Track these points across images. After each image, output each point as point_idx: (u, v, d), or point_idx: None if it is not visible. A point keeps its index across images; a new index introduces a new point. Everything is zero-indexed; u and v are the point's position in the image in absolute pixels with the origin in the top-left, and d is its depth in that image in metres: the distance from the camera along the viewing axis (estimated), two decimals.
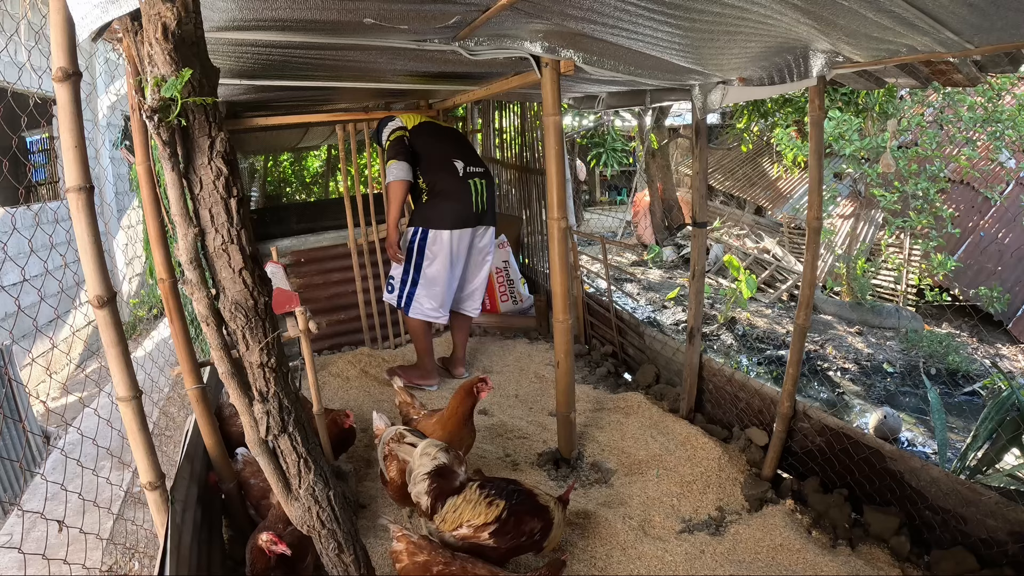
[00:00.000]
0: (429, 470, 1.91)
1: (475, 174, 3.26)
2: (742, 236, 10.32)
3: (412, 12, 1.72)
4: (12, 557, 2.18)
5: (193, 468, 1.92)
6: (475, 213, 3.25)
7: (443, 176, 3.18)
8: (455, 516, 1.83)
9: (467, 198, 3.20)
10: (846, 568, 1.97)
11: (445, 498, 1.87)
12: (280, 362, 1.31)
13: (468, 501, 1.84)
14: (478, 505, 1.83)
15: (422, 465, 1.92)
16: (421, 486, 1.89)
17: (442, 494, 1.87)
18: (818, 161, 2.33)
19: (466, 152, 3.33)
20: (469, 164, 3.26)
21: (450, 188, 3.18)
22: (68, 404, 4.25)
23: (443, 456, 1.94)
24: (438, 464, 1.92)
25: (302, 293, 3.91)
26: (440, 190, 3.18)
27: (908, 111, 7.76)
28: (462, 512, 1.83)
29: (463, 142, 3.43)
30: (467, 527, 1.81)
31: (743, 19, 1.64)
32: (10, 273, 4.11)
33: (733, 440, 2.81)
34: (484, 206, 3.29)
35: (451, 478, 1.92)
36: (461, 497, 1.86)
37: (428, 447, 1.95)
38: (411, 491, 1.93)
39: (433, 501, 1.87)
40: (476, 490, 1.87)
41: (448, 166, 3.20)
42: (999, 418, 2.93)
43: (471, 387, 2.29)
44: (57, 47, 1.24)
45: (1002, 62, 1.82)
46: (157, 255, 1.84)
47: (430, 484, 1.89)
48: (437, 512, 1.86)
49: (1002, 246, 7.95)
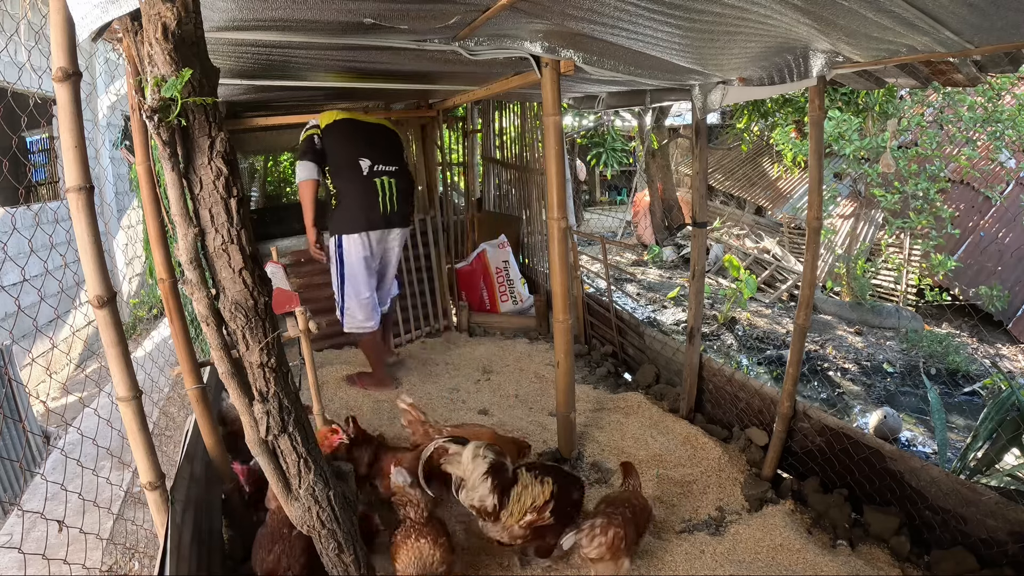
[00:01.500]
0: (485, 469, 1.85)
1: (383, 173, 3.11)
2: (742, 236, 10.32)
3: (412, 12, 1.72)
4: (12, 557, 2.18)
5: (193, 468, 1.92)
6: (382, 215, 3.12)
7: (347, 176, 3.07)
8: (520, 505, 1.86)
9: (371, 199, 3.07)
10: (846, 568, 1.97)
11: (507, 491, 1.87)
12: (280, 362, 1.31)
13: (526, 486, 1.88)
14: (535, 487, 1.88)
15: (477, 467, 1.85)
16: (483, 488, 1.83)
17: (504, 489, 1.87)
18: (818, 161, 2.33)
19: (377, 150, 3.15)
20: (378, 163, 3.11)
21: (353, 189, 3.06)
22: (68, 404, 4.25)
23: (491, 453, 1.90)
24: (491, 461, 1.87)
25: (302, 293, 3.91)
26: (345, 192, 3.08)
27: (908, 111, 7.76)
28: (524, 499, 1.86)
29: (378, 138, 3.21)
30: (531, 512, 1.85)
31: (743, 19, 1.64)
32: (10, 273, 4.11)
33: (733, 440, 2.81)
34: (393, 207, 3.14)
35: (505, 471, 1.91)
36: (520, 485, 1.88)
37: (475, 449, 1.89)
38: (469, 497, 1.86)
39: (500, 498, 1.85)
40: (526, 473, 1.91)
41: (352, 165, 3.07)
42: (999, 418, 2.93)
43: None
44: (57, 47, 1.24)
45: (1002, 62, 1.82)
46: (157, 255, 1.84)
47: (492, 483, 1.84)
48: (504, 507, 1.85)
49: (1002, 246, 7.95)
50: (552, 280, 2.49)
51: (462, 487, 1.87)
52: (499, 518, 1.85)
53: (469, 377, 3.58)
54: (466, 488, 1.86)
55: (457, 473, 1.87)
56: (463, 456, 1.86)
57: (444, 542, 1.77)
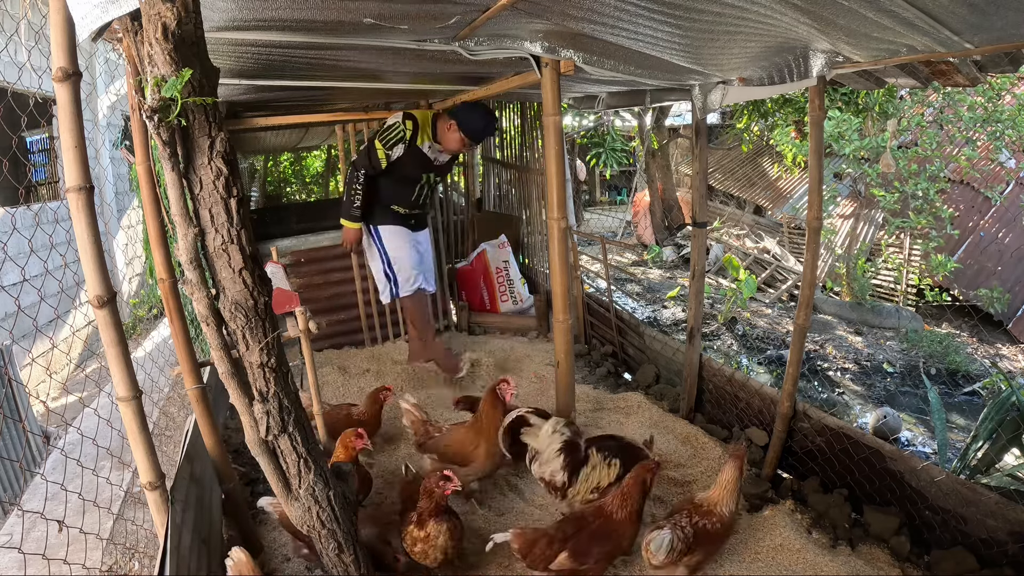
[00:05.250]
0: (560, 446, 1.95)
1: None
2: (742, 236, 10.32)
3: (412, 12, 1.71)
4: (12, 557, 2.18)
5: (193, 468, 1.92)
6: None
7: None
8: (587, 485, 1.96)
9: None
10: (846, 568, 1.96)
11: (577, 470, 1.95)
12: (280, 362, 1.31)
13: (594, 467, 1.97)
14: (602, 468, 1.97)
15: (552, 442, 1.96)
16: (555, 463, 1.94)
17: (575, 467, 1.96)
18: (818, 161, 2.33)
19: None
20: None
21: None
22: (68, 404, 4.25)
23: (568, 430, 2.00)
24: (566, 439, 1.97)
25: (302, 293, 3.91)
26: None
27: (908, 111, 7.75)
28: (591, 479, 1.96)
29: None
30: (595, 492, 1.96)
31: (743, 19, 1.64)
32: (10, 273, 4.11)
33: (733, 440, 2.81)
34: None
35: (578, 450, 2.00)
36: (589, 465, 1.98)
37: (555, 424, 2.00)
38: (541, 470, 1.97)
39: (569, 475, 1.94)
40: (596, 454, 2.01)
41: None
42: (999, 418, 2.93)
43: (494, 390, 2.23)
44: (57, 47, 1.24)
45: (1002, 62, 1.81)
46: (157, 255, 1.84)
47: (564, 459, 1.95)
48: (572, 486, 1.94)
49: (1002, 246, 7.95)
50: (552, 280, 2.49)
51: (535, 459, 1.99)
52: (566, 495, 1.96)
53: (470, 377, 3.58)
54: (539, 461, 1.98)
55: (533, 445, 1.99)
56: (542, 430, 1.98)
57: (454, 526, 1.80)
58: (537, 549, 1.71)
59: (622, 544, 1.78)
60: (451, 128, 3.11)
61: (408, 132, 3.12)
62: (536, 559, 1.72)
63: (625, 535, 1.77)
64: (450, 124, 3.11)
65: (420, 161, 3.22)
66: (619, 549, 1.79)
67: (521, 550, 1.72)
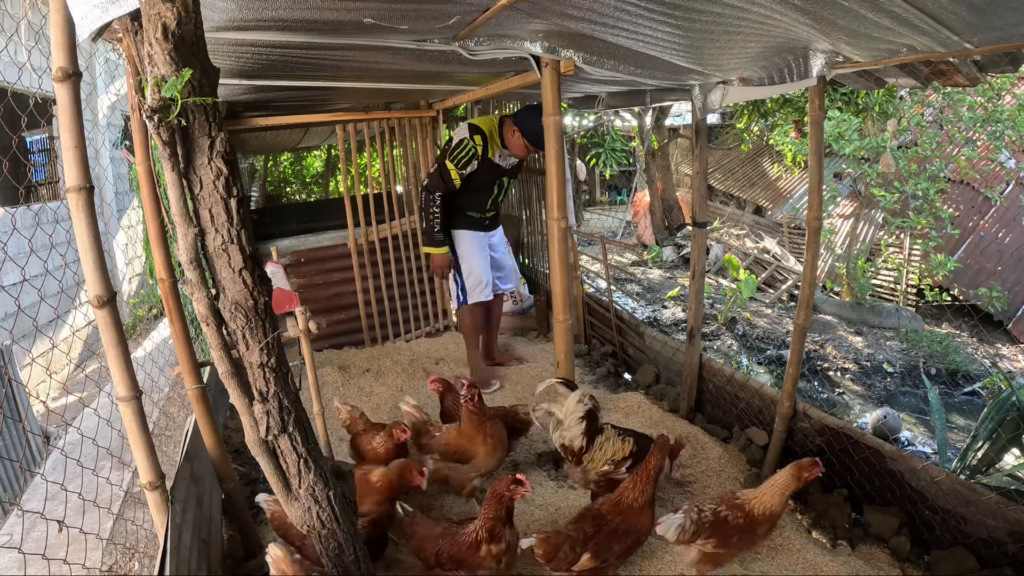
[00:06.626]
0: (583, 414, 2.07)
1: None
2: (742, 236, 10.32)
3: (412, 12, 1.72)
4: (12, 557, 2.18)
5: (193, 468, 1.92)
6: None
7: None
8: (601, 453, 2.09)
9: None
10: (846, 568, 1.96)
11: (593, 439, 2.10)
12: (280, 362, 1.31)
13: (608, 439, 2.11)
14: (616, 442, 2.10)
15: (576, 411, 2.08)
16: (576, 429, 2.08)
17: (592, 436, 2.09)
18: (818, 161, 2.33)
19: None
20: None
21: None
22: (68, 404, 4.25)
23: (591, 401, 2.12)
24: (588, 408, 2.09)
25: (302, 293, 3.91)
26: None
27: (908, 111, 7.76)
28: (606, 449, 2.09)
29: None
30: (608, 463, 2.08)
31: (743, 19, 1.64)
32: (10, 273, 4.11)
33: (733, 440, 2.81)
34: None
35: (597, 420, 2.13)
36: (603, 436, 2.12)
37: (580, 395, 2.12)
38: (562, 437, 2.11)
39: (587, 442, 2.09)
40: (611, 430, 2.15)
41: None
42: (999, 418, 2.93)
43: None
44: (57, 47, 1.24)
45: (1002, 62, 1.81)
46: (157, 255, 1.84)
47: (585, 426, 2.07)
48: (587, 452, 2.09)
49: (1002, 246, 7.95)
50: (552, 280, 2.48)
51: (558, 427, 2.12)
52: (581, 460, 2.08)
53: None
54: (561, 428, 2.11)
55: (558, 414, 2.12)
56: (569, 399, 2.11)
57: None
58: (561, 553, 1.73)
59: (640, 538, 1.83)
60: (515, 134, 3.08)
61: (479, 147, 3.08)
62: (560, 563, 1.73)
63: (643, 529, 1.82)
64: (514, 131, 3.08)
65: (494, 170, 3.21)
66: (637, 544, 1.84)
67: (545, 555, 1.73)
